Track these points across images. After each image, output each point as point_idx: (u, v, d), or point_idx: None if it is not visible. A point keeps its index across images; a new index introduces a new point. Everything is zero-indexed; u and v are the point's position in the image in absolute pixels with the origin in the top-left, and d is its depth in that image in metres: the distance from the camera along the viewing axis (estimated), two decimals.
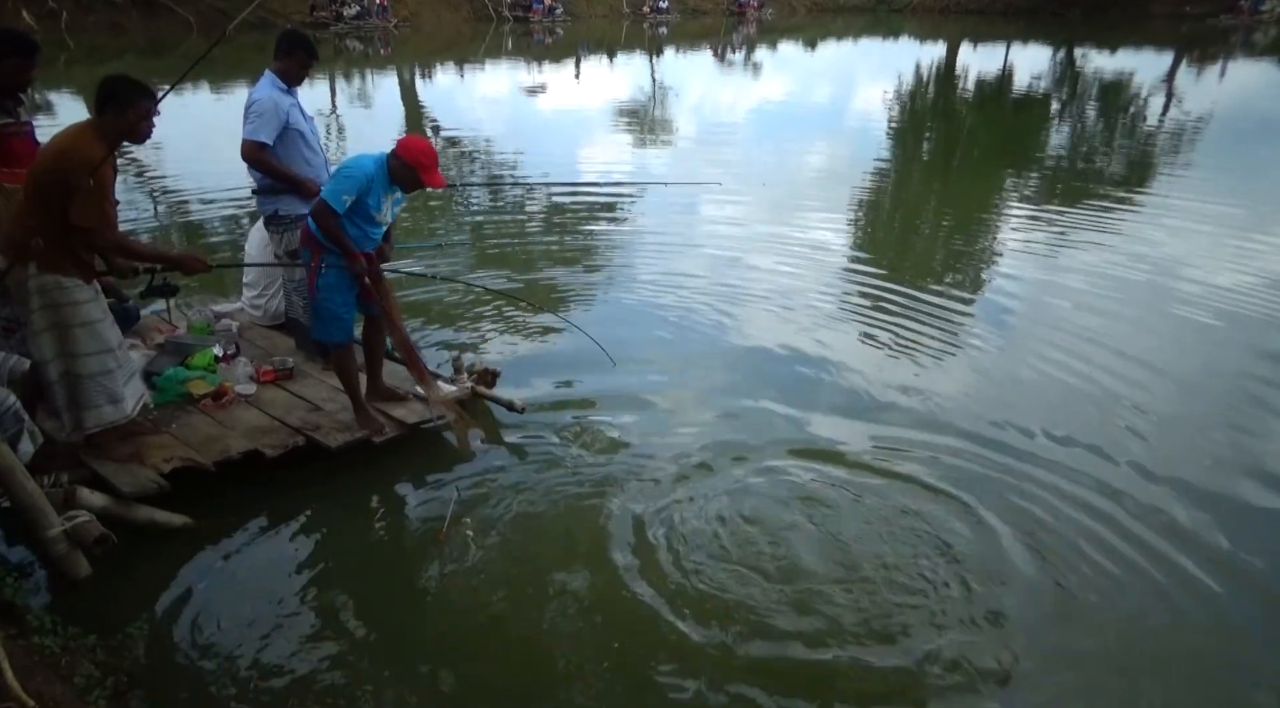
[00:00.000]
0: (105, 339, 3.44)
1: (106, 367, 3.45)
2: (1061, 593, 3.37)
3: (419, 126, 14.35)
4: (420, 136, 3.80)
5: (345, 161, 3.83)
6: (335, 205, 3.69)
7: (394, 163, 3.73)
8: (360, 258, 3.82)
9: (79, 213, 3.14)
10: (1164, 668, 3.09)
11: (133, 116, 3.22)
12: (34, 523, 3.04)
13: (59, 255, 3.23)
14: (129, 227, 7.84)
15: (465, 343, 5.43)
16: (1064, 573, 3.45)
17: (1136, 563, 3.52)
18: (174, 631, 3.08)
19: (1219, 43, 29.00)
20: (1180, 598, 3.35)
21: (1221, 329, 5.96)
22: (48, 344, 3.35)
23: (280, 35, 4.45)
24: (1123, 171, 11.58)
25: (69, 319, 3.32)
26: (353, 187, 3.68)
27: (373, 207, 3.77)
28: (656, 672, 2.96)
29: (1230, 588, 3.41)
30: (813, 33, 35.50)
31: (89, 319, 3.37)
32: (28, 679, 2.40)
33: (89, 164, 3.09)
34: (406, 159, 3.69)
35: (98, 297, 3.43)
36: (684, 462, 4.17)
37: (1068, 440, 4.40)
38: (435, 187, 3.80)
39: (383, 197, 3.79)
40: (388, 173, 3.75)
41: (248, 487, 3.75)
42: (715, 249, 7.57)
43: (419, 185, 3.80)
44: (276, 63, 4.35)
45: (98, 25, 24.88)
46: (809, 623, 3.16)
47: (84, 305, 3.35)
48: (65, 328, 3.33)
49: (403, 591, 3.39)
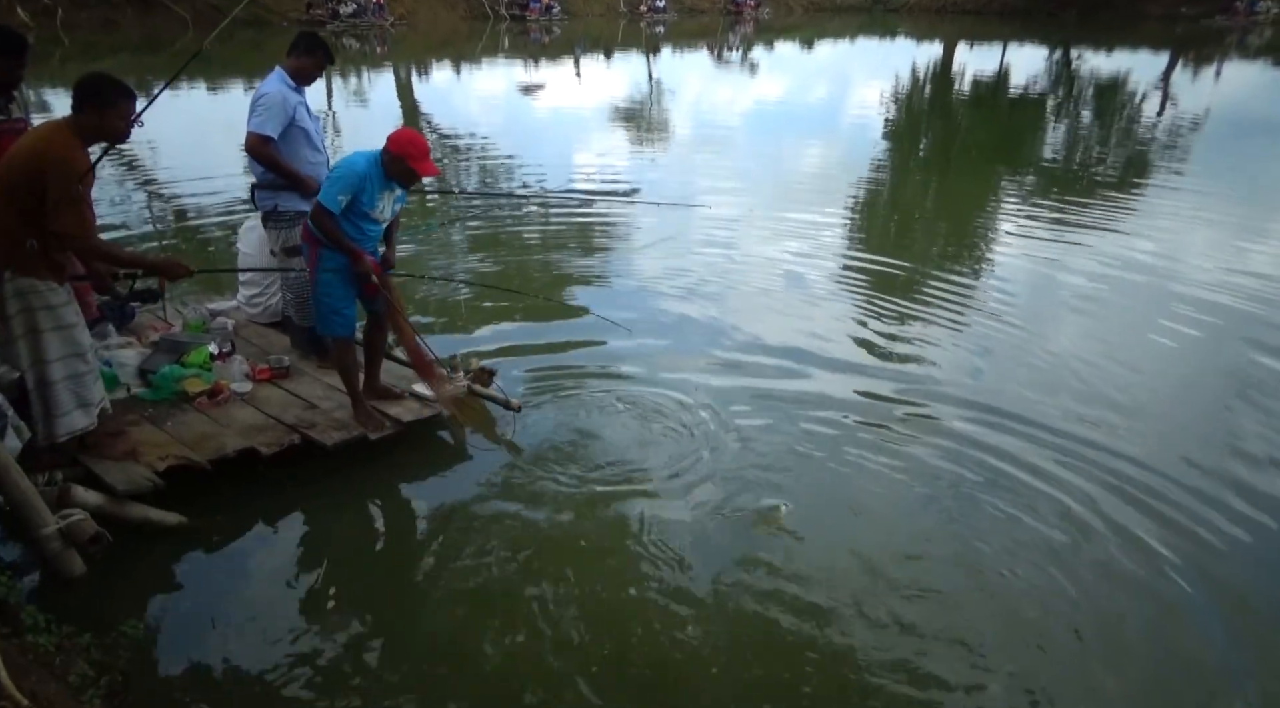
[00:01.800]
0: (77, 343, 3.37)
1: (77, 370, 3.38)
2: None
3: (415, 125, 14.34)
4: (410, 129, 3.77)
5: (337, 162, 3.83)
6: (331, 206, 3.68)
7: (386, 158, 3.72)
8: (364, 257, 3.80)
9: (60, 219, 3.04)
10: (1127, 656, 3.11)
11: (113, 117, 3.13)
12: (28, 521, 3.02)
13: (33, 258, 3.15)
14: (122, 225, 7.83)
15: (461, 341, 5.41)
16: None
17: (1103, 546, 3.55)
18: (168, 629, 3.08)
19: (1214, 44, 29.09)
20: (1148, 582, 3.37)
21: (1210, 324, 6.01)
22: (24, 351, 3.27)
23: (300, 35, 4.44)
24: (1118, 171, 11.61)
25: (42, 323, 3.25)
26: (345, 186, 3.68)
27: (366, 204, 3.75)
28: (654, 671, 2.96)
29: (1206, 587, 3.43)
30: (809, 32, 35.50)
31: (63, 323, 3.30)
32: (22, 679, 2.38)
33: (71, 169, 3.02)
34: (395, 151, 3.69)
35: (71, 300, 3.36)
36: (678, 467, 4.17)
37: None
38: (428, 175, 3.81)
39: (378, 194, 3.77)
40: (382, 169, 3.74)
41: (243, 485, 3.73)
42: (709, 254, 7.59)
43: (413, 176, 3.78)
44: (291, 60, 4.33)
45: (92, 22, 24.78)
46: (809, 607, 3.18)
47: (58, 309, 3.27)
48: (38, 332, 3.25)
49: (398, 589, 3.38)
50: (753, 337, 5.69)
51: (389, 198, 3.86)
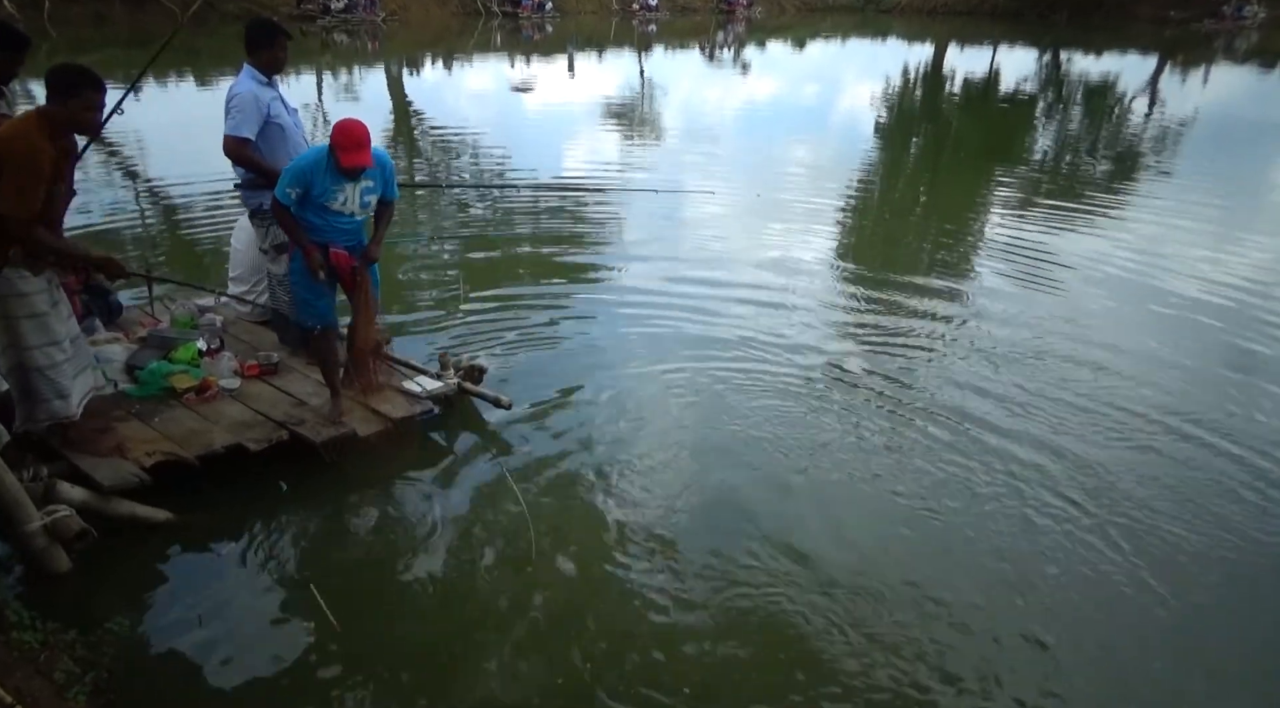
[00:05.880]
0: (53, 332, 3.37)
1: (54, 359, 3.39)
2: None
3: (406, 120, 14.28)
4: (349, 118, 3.65)
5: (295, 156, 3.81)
6: (281, 199, 3.70)
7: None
8: (315, 252, 3.76)
9: (3, 201, 3.01)
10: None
11: (75, 106, 3.11)
12: (13, 517, 3.01)
13: (2, 244, 3.13)
14: (111, 220, 7.79)
15: (450, 339, 5.40)
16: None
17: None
18: (155, 626, 3.07)
19: (1202, 47, 29.28)
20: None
21: (1194, 321, 6.07)
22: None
23: (250, 26, 4.32)
24: (1106, 173, 11.68)
25: (15, 311, 3.26)
26: (292, 180, 3.67)
27: (318, 195, 3.69)
28: (649, 670, 2.97)
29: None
30: (801, 32, 35.53)
31: (35, 311, 3.30)
32: (7, 676, 2.38)
33: (25, 153, 3.00)
34: (330, 141, 3.63)
35: (48, 288, 3.35)
36: (670, 457, 4.18)
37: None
38: (356, 165, 3.59)
39: (331, 186, 3.69)
40: (333, 161, 3.65)
41: (230, 482, 3.72)
42: (703, 248, 7.60)
43: (342, 166, 3.61)
44: (253, 56, 4.27)
45: (81, 16, 24.54)
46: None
47: (30, 297, 3.27)
48: (12, 319, 3.27)
49: (387, 586, 3.38)
50: (745, 326, 5.71)
51: (352, 190, 3.75)
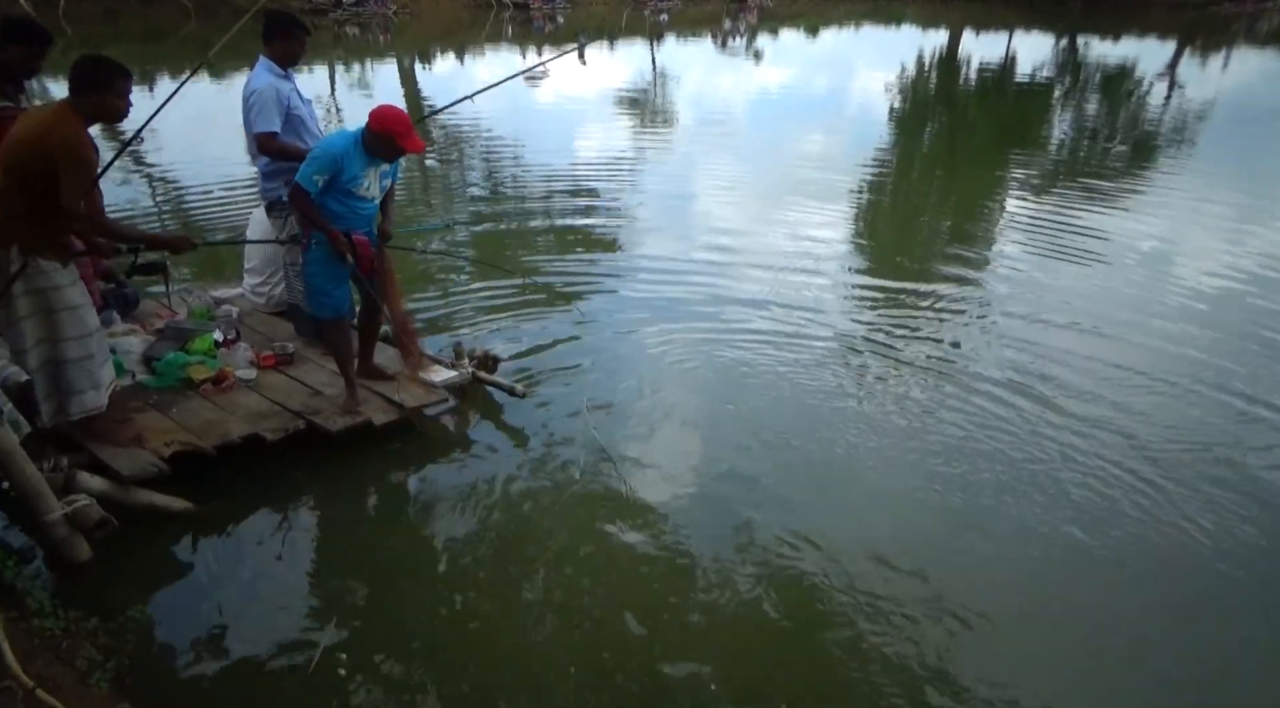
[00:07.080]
0: (87, 324, 3.41)
1: (89, 350, 3.42)
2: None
3: (418, 112, 14.28)
4: (391, 105, 3.73)
5: (318, 142, 3.79)
6: (307, 186, 3.68)
7: (368, 136, 3.69)
8: (340, 237, 3.78)
9: (71, 195, 3.08)
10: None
11: (112, 98, 3.17)
12: (34, 507, 3.03)
13: (39, 238, 3.18)
14: (127, 213, 7.82)
15: (466, 327, 5.40)
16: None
17: None
18: (174, 614, 3.09)
19: (1222, 31, 28.84)
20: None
21: (1212, 314, 5.99)
22: (30, 330, 3.28)
23: (269, 19, 4.34)
24: (1124, 159, 11.54)
25: (53, 304, 3.28)
26: (321, 166, 3.67)
27: (348, 181, 3.72)
28: (655, 667, 2.97)
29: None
30: (814, 20, 35.25)
31: (71, 303, 3.33)
32: (29, 662, 2.40)
33: (82, 147, 3.06)
34: (379, 129, 3.65)
35: (77, 280, 3.39)
36: (697, 437, 4.18)
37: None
38: (414, 150, 3.75)
39: (360, 171, 3.73)
40: (363, 147, 3.71)
41: (248, 471, 3.74)
42: (713, 239, 7.57)
43: (398, 152, 3.75)
44: (270, 48, 4.27)
45: (94, 13, 24.67)
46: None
47: (65, 289, 3.30)
48: (50, 312, 3.28)
49: (404, 575, 3.39)
50: (761, 314, 5.68)
51: (374, 175, 3.81)
